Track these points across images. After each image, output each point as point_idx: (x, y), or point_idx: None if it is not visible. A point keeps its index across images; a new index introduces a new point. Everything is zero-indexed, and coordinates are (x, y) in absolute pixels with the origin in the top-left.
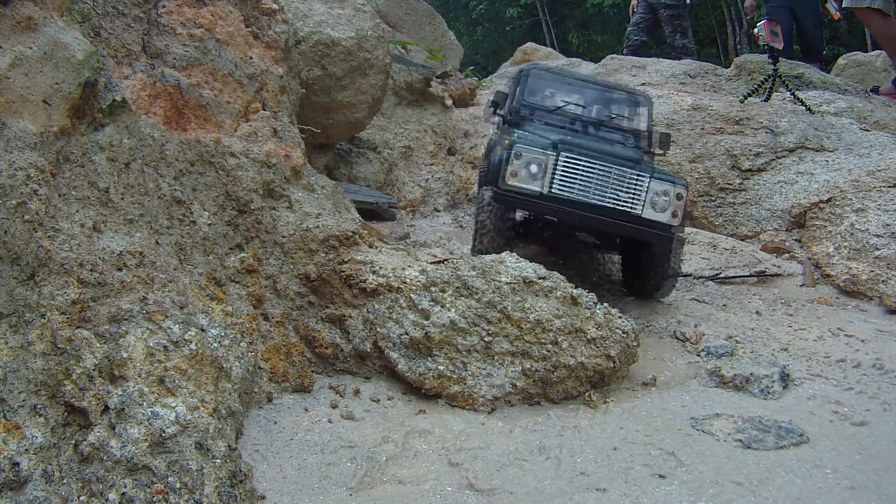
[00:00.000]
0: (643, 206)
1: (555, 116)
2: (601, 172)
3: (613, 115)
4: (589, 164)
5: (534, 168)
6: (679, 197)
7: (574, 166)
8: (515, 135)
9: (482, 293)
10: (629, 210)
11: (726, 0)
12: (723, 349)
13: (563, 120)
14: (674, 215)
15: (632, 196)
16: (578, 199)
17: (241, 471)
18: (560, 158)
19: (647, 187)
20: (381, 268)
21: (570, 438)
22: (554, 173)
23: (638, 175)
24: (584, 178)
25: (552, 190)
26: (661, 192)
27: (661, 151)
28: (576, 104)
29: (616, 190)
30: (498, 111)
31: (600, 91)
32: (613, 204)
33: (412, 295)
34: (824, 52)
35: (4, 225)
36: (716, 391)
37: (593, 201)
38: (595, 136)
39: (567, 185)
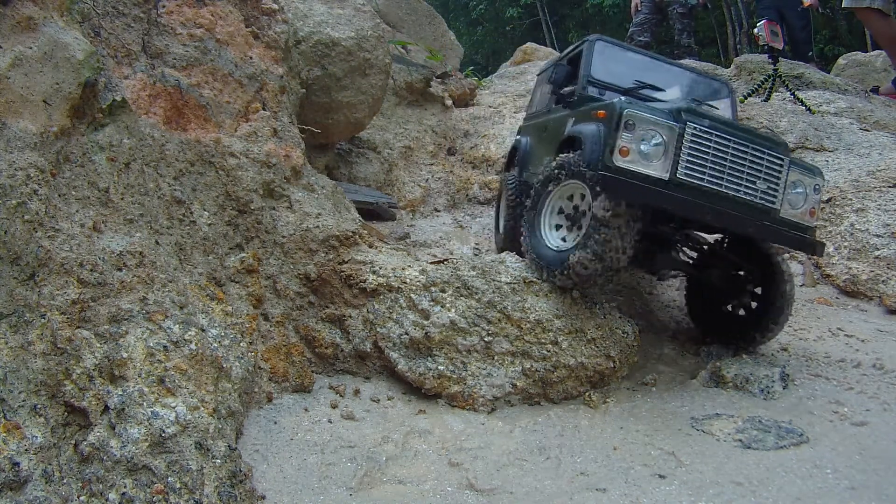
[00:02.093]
0: (781, 200)
1: (630, 98)
2: (738, 152)
3: (697, 102)
4: (724, 140)
5: (654, 144)
6: (817, 190)
7: (705, 143)
8: (622, 99)
9: (482, 293)
10: (766, 205)
11: (726, 0)
12: (723, 349)
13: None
14: (811, 214)
15: (770, 187)
16: (709, 188)
17: (241, 471)
18: (688, 131)
19: (786, 176)
20: (381, 268)
21: (570, 438)
22: (678, 152)
23: (777, 159)
24: (716, 160)
25: (677, 174)
26: (797, 183)
27: None
28: (653, 86)
29: (752, 177)
30: (558, 89)
31: (679, 73)
32: (749, 196)
33: (412, 295)
34: (810, 54)
35: (4, 225)
36: (716, 391)
37: (726, 192)
38: None
39: (696, 168)
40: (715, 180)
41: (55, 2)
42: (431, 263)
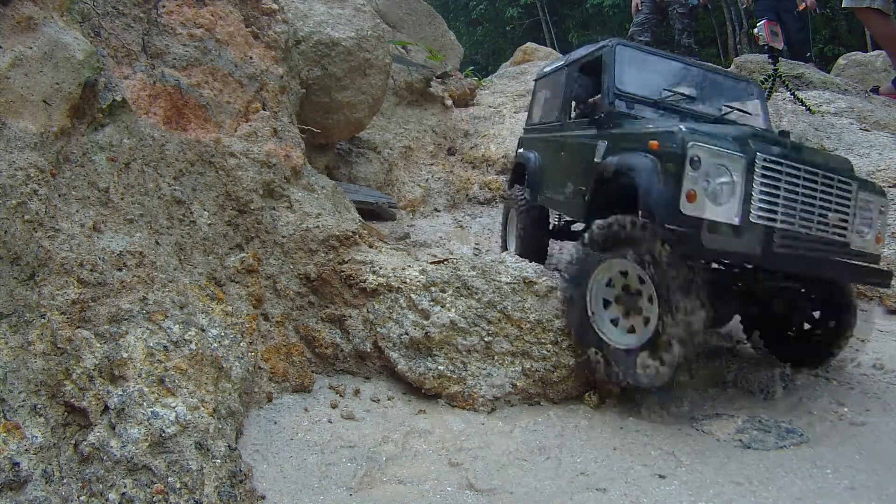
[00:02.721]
0: (850, 229)
1: (661, 111)
2: (809, 182)
3: (730, 108)
4: (795, 170)
5: (721, 181)
6: (883, 212)
7: (777, 175)
8: (682, 128)
9: (482, 293)
10: (838, 239)
11: (726, 0)
12: (723, 349)
13: (672, 116)
14: (877, 241)
15: (841, 218)
16: (783, 228)
17: (241, 471)
18: (758, 163)
19: (855, 202)
20: (381, 268)
21: (570, 438)
22: (749, 189)
23: (846, 184)
24: (788, 195)
25: (749, 217)
26: (864, 208)
27: None
28: (684, 94)
29: (824, 209)
30: (581, 105)
31: (705, 75)
32: (821, 232)
33: (412, 295)
34: (809, 54)
35: (4, 225)
36: (715, 391)
37: (798, 230)
38: None
39: (769, 207)
40: (788, 219)
41: (55, 2)
42: (431, 263)
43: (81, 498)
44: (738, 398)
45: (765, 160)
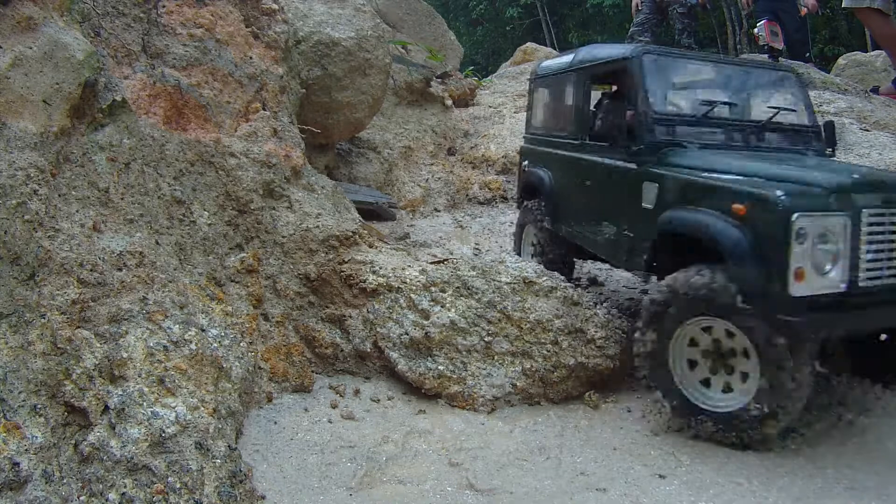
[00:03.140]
0: None
1: (705, 128)
2: None
3: (776, 110)
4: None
5: (828, 250)
6: None
7: (882, 227)
8: (779, 194)
9: (482, 293)
10: None
11: (726, 0)
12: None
13: (716, 131)
14: None
15: None
16: (889, 284)
17: (241, 471)
18: (864, 219)
19: None
20: (381, 268)
21: (570, 438)
22: (856, 250)
23: None
24: (893, 245)
25: (858, 283)
26: None
27: (831, 150)
28: (724, 101)
29: None
30: (596, 121)
31: (742, 75)
32: None
33: (412, 295)
34: (808, 55)
35: (4, 225)
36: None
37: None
38: (764, 147)
39: (876, 266)
40: (892, 272)
41: (55, 2)
42: (431, 263)
43: (81, 498)
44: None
45: (871, 213)
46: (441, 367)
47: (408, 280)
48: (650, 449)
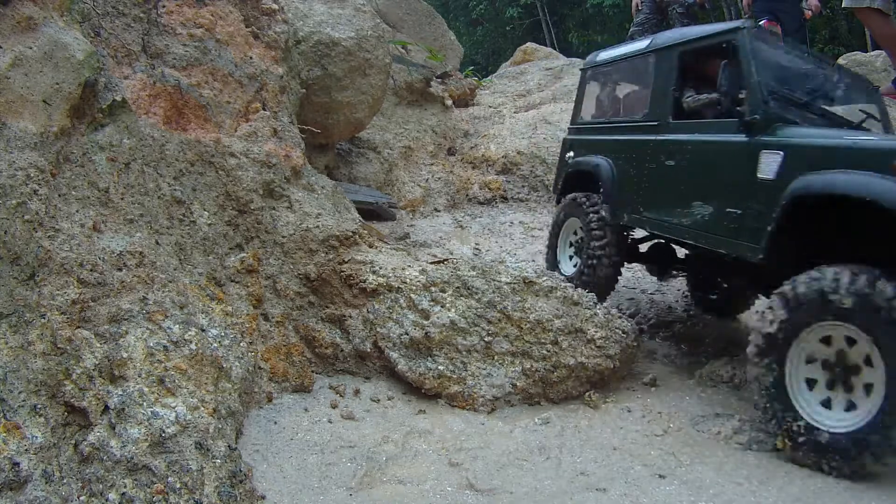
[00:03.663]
0: None
1: (808, 116)
2: None
3: (867, 115)
4: None
5: None
6: None
7: None
8: None
9: (482, 293)
10: None
11: (726, 0)
12: (723, 349)
13: (816, 118)
14: None
15: None
16: None
17: (241, 471)
18: None
19: None
20: (381, 268)
21: (570, 438)
22: None
23: None
24: None
25: None
26: None
27: None
28: (825, 96)
29: None
30: (728, 100)
31: (834, 75)
32: None
33: (412, 295)
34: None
35: (4, 225)
36: (715, 391)
37: None
38: None
39: None
40: None
41: (55, 2)
42: (431, 263)
43: (81, 498)
44: (737, 398)
45: None
46: (441, 367)
47: (408, 280)
48: (650, 449)
